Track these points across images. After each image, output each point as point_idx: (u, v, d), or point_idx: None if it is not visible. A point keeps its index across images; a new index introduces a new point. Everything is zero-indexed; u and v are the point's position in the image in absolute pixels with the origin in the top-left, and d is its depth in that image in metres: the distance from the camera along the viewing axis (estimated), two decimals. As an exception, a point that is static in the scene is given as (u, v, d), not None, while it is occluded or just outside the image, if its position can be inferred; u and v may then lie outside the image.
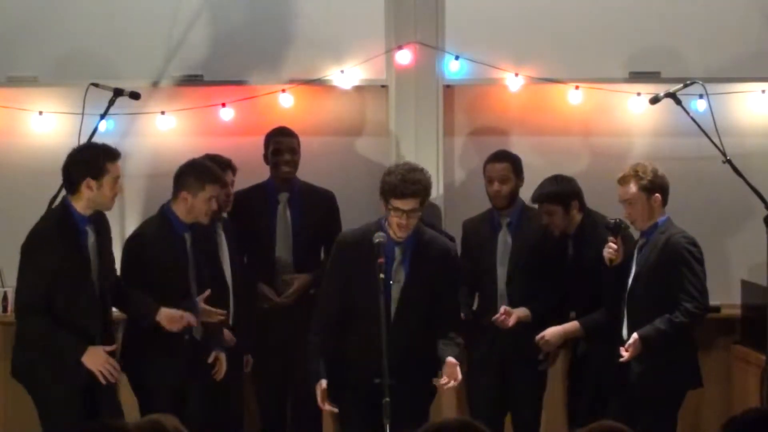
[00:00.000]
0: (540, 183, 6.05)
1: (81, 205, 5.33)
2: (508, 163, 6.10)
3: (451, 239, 6.10)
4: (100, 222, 5.45)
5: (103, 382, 5.27)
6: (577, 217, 5.99)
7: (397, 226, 5.21)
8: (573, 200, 5.99)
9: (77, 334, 5.28)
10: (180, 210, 5.64)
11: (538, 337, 5.85)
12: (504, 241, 6.07)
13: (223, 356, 5.74)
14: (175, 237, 5.63)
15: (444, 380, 5.20)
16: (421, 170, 5.26)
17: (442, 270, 5.32)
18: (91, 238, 5.37)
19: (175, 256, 5.60)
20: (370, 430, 5.08)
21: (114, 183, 5.34)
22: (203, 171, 5.68)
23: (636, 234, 5.79)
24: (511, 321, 5.88)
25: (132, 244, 5.66)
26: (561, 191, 5.99)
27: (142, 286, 5.50)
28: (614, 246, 5.62)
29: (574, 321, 5.90)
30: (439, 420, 3.37)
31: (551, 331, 5.85)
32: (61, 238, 5.26)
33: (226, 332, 5.92)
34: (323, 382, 5.19)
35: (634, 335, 5.45)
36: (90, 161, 5.32)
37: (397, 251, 5.25)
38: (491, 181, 6.08)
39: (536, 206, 6.09)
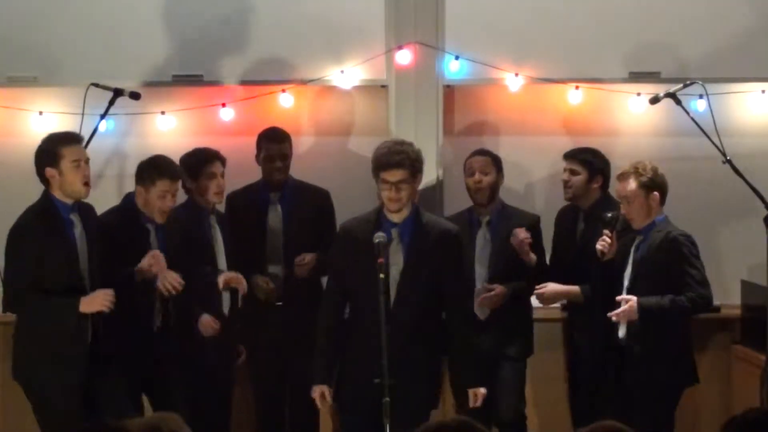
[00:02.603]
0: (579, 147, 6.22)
1: (58, 194, 5.35)
2: (488, 157, 6.18)
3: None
4: (86, 213, 5.46)
5: (108, 311, 5.27)
6: (596, 193, 6.06)
7: (388, 199, 5.22)
8: (599, 174, 6.07)
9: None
10: (139, 202, 5.72)
11: (538, 288, 5.88)
12: (483, 239, 6.09)
13: (205, 317, 5.83)
14: (138, 227, 5.68)
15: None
16: (410, 144, 5.34)
17: (442, 252, 5.26)
18: (78, 228, 5.38)
19: (136, 245, 5.63)
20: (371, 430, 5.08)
21: (75, 167, 5.31)
22: (155, 166, 5.73)
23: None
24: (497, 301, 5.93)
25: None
26: (594, 160, 6.13)
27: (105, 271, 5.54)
28: (608, 240, 5.63)
29: (575, 286, 5.92)
30: (437, 420, 3.36)
31: (552, 287, 5.89)
32: (43, 226, 5.29)
33: (209, 320, 5.92)
34: (321, 389, 5.24)
35: (633, 299, 5.43)
36: (45, 151, 5.35)
37: (393, 233, 5.23)
38: (472, 173, 6.13)
39: (515, 206, 6.23)
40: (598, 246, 5.65)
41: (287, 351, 6.23)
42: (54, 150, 5.32)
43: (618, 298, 5.48)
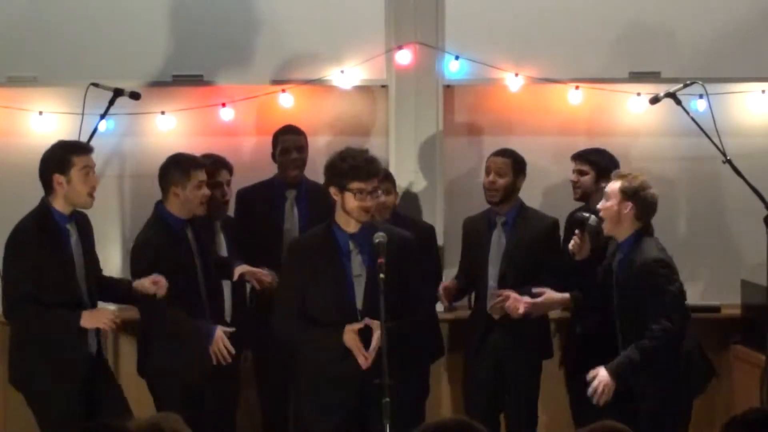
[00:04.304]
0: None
1: (59, 203, 5.35)
2: (509, 159, 6.12)
3: (430, 229, 6.29)
4: (82, 222, 5.46)
5: (110, 330, 5.32)
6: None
7: (362, 209, 5.08)
8: (607, 174, 6.04)
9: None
10: (174, 207, 5.63)
11: (532, 300, 5.77)
12: (498, 240, 6.08)
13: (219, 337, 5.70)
14: (178, 236, 5.62)
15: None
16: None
17: (402, 259, 5.14)
18: (74, 237, 5.38)
19: (180, 254, 5.59)
20: None
21: (84, 175, 5.32)
22: (185, 160, 5.70)
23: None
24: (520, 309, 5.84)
25: (142, 251, 5.58)
26: (600, 160, 6.11)
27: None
28: (578, 240, 5.63)
29: (565, 293, 5.85)
30: (437, 420, 3.36)
31: (549, 296, 5.76)
32: (41, 235, 5.28)
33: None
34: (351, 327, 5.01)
35: (602, 375, 5.29)
36: (55, 158, 5.34)
37: (351, 244, 5.14)
38: (488, 173, 6.09)
39: (534, 207, 6.17)
40: (570, 246, 5.66)
41: (292, 351, 6.20)
42: (65, 157, 5.32)
43: (589, 376, 5.33)
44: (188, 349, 5.51)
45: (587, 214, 5.66)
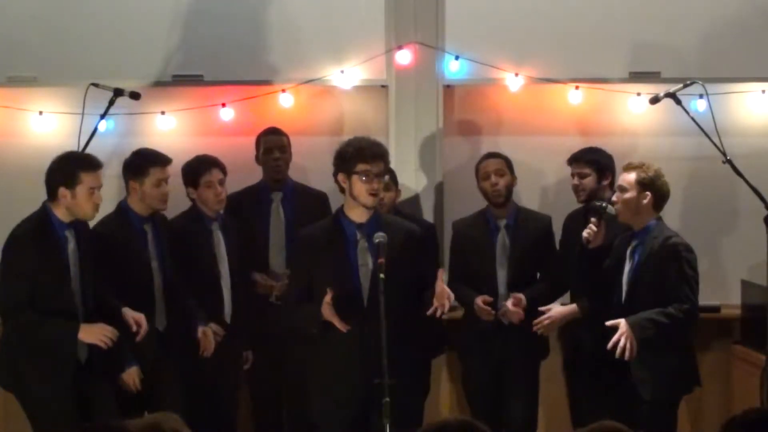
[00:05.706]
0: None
1: (60, 211, 5.33)
2: (503, 159, 6.16)
3: (430, 227, 6.28)
4: (82, 230, 5.44)
5: (105, 347, 5.25)
6: (607, 193, 5.98)
7: (369, 193, 5.09)
8: (607, 171, 6.06)
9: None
10: (134, 202, 5.69)
11: (542, 318, 5.81)
12: (503, 243, 6.07)
13: (209, 331, 5.75)
14: (134, 231, 5.67)
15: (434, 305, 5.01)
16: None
17: (410, 252, 5.15)
18: (71, 245, 5.35)
19: (135, 250, 5.62)
20: None
21: (89, 194, 5.30)
22: (145, 156, 5.74)
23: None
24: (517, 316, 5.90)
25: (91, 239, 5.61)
26: (599, 158, 6.12)
27: (107, 281, 5.49)
28: (594, 228, 5.63)
29: (572, 304, 5.89)
30: (439, 420, 3.36)
31: (557, 312, 5.83)
32: (37, 241, 5.26)
33: (216, 326, 5.89)
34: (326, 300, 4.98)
35: (623, 325, 5.30)
36: (64, 170, 5.32)
37: (358, 234, 5.14)
38: (488, 177, 6.09)
39: (534, 207, 6.17)
40: (584, 233, 5.66)
41: (284, 352, 6.20)
42: (74, 174, 5.29)
43: (608, 323, 5.35)
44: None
45: (604, 203, 5.67)
